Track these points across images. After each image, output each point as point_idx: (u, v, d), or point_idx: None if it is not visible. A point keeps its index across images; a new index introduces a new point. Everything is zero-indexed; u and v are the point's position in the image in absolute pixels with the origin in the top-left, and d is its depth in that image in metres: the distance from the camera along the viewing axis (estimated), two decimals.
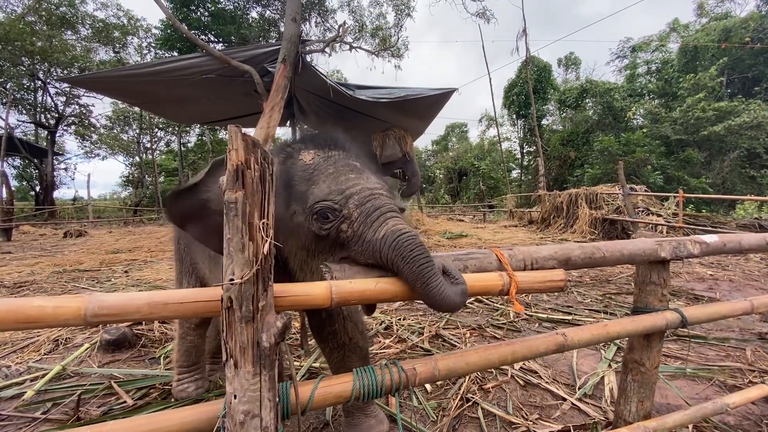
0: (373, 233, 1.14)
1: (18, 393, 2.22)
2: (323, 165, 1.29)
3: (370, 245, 1.14)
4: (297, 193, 1.24)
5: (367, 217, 1.17)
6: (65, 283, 5.04)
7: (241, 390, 0.87)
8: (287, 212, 1.25)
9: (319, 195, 1.20)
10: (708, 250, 1.63)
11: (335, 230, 1.19)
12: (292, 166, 1.30)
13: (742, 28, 18.86)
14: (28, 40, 17.78)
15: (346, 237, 1.19)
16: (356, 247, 1.17)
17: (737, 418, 2.01)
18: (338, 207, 1.18)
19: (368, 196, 1.20)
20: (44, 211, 19.20)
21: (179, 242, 2.19)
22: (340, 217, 1.18)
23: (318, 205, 1.19)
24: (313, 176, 1.26)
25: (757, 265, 6.16)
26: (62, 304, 0.82)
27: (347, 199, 1.19)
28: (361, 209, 1.18)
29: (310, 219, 1.20)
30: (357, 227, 1.17)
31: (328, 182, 1.23)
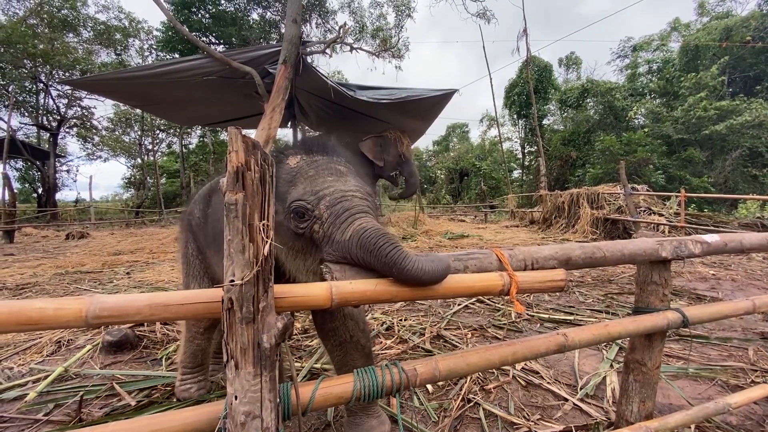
0: (341, 234, 1.19)
1: (20, 395, 2.22)
2: (305, 168, 1.36)
3: (340, 246, 1.18)
4: (279, 194, 1.30)
5: (336, 218, 1.21)
6: (67, 285, 5.05)
7: (242, 391, 0.87)
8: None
9: (295, 195, 1.27)
10: (709, 249, 1.63)
11: (309, 230, 1.25)
12: (279, 169, 1.36)
13: (744, 26, 18.82)
14: (30, 42, 17.86)
15: (318, 237, 1.24)
16: (327, 248, 1.22)
17: (739, 418, 2.00)
18: (310, 207, 1.24)
19: (340, 198, 1.25)
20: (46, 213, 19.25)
21: (187, 246, 2.16)
22: (311, 217, 1.24)
23: (294, 204, 1.25)
24: (295, 178, 1.33)
25: (760, 264, 6.14)
26: (63, 305, 0.83)
27: (319, 200, 1.24)
28: (331, 210, 1.22)
29: (288, 217, 1.27)
30: (327, 228, 1.22)
31: (305, 184, 1.30)
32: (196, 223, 2.05)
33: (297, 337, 3.17)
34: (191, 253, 2.12)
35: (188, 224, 2.14)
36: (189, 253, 2.13)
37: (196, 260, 2.10)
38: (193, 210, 2.12)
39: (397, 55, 16.84)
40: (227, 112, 10.27)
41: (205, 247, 2.00)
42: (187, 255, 2.16)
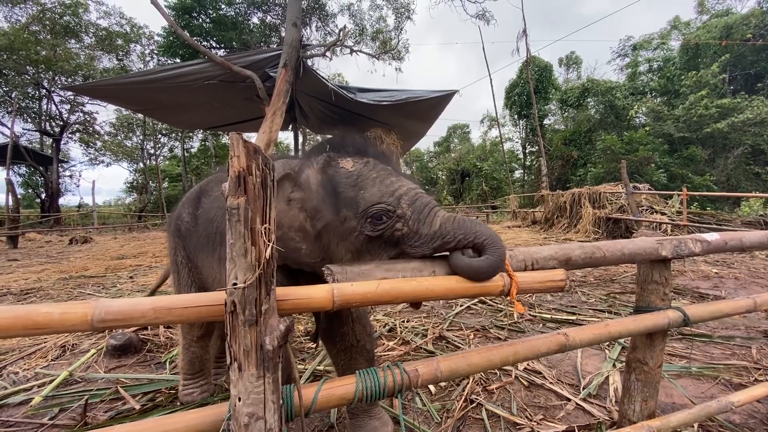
0: (429, 227, 1.25)
1: (26, 399, 2.24)
2: (365, 171, 1.34)
3: (428, 238, 1.24)
4: (346, 199, 1.30)
5: (420, 213, 1.26)
6: (71, 290, 5.08)
7: (245, 393, 0.88)
8: (338, 218, 1.31)
9: (372, 199, 1.27)
10: (709, 248, 1.63)
11: (390, 230, 1.27)
12: (335, 174, 1.34)
13: (744, 24, 18.78)
14: (33, 49, 18.00)
15: (401, 235, 1.27)
16: (413, 242, 1.27)
17: (743, 416, 2.00)
18: (392, 208, 1.26)
19: (416, 195, 1.30)
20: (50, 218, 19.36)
21: (176, 253, 2.09)
22: (394, 217, 1.26)
23: (373, 208, 1.26)
24: (359, 182, 1.31)
25: (763, 262, 6.11)
26: (69, 310, 0.84)
27: (398, 200, 1.27)
28: (413, 207, 1.27)
29: (363, 222, 1.27)
30: (412, 224, 1.26)
31: (376, 186, 1.30)
32: (185, 228, 1.97)
33: (300, 339, 3.18)
34: (180, 261, 2.06)
35: (176, 229, 2.06)
36: (179, 261, 2.07)
37: (185, 268, 2.04)
38: (181, 214, 2.03)
39: (397, 57, 16.87)
40: (228, 116, 10.31)
41: (195, 252, 1.93)
42: (176, 262, 2.09)
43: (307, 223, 1.34)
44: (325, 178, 1.34)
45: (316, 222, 1.34)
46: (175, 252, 2.09)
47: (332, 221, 1.31)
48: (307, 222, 1.34)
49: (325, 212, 1.32)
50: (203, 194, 1.92)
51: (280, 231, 1.31)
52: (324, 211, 1.32)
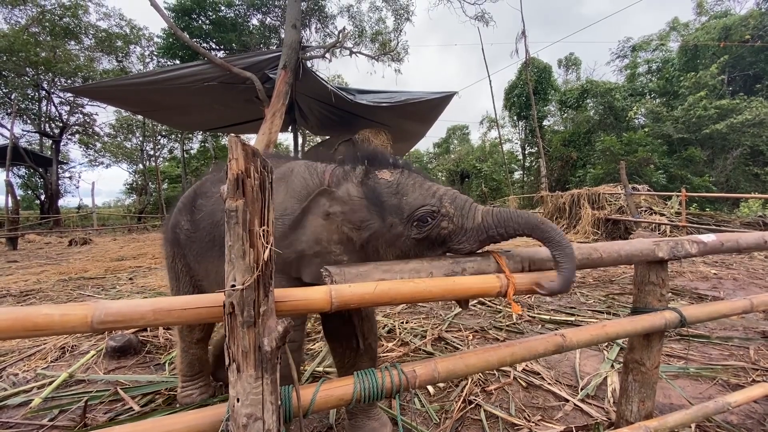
0: (472, 221, 1.35)
1: (25, 401, 2.24)
2: (403, 179, 1.43)
3: (473, 231, 1.34)
4: (390, 206, 1.38)
5: (462, 210, 1.37)
6: (71, 291, 5.08)
7: (244, 393, 0.89)
8: (384, 225, 1.39)
9: (415, 203, 1.36)
10: (705, 249, 1.64)
11: (436, 229, 1.36)
12: (376, 185, 1.42)
13: (742, 25, 18.81)
14: (32, 50, 17.99)
15: (447, 233, 1.37)
16: (459, 237, 1.36)
17: (740, 416, 2.01)
18: (436, 208, 1.35)
19: (454, 194, 1.41)
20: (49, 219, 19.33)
21: (174, 261, 2.03)
22: (438, 216, 1.35)
23: (418, 211, 1.35)
24: (400, 189, 1.40)
25: (762, 263, 6.12)
26: (69, 311, 0.85)
27: (440, 200, 1.37)
28: (454, 205, 1.37)
29: (409, 226, 1.37)
30: (457, 221, 1.36)
31: (417, 191, 1.39)
32: (185, 235, 1.89)
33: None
34: (181, 269, 2.01)
35: (175, 238, 1.97)
36: (178, 269, 2.02)
37: (186, 276, 2.00)
38: (178, 221, 1.94)
39: (397, 59, 16.89)
40: (228, 118, 10.33)
41: (198, 259, 1.86)
42: (176, 270, 2.04)
43: (353, 234, 1.40)
44: (367, 190, 1.41)
45: (362, 232, 1.39)
46: (174, 260, 2.04)
47: (379, 229, 1.38)
48: (354, 233, 1.40)
49: (371, 221, 1.39)
50: (199, 197, 1.86)
51: (319, 246, 1.38)
52: (370, 220, 1.39)
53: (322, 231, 1.39)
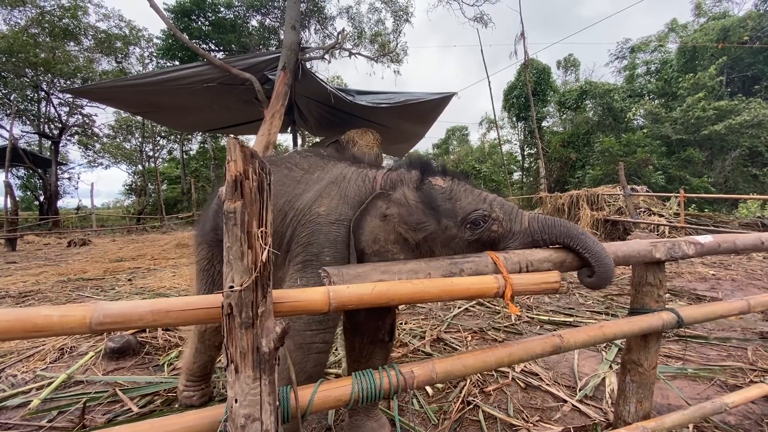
0: (519, 225, 1.48)
1: (24, 402, 2.24)
2: (455, 186, 1.54)
3: (521, 234, 1.47)
4: (445, 210, 1.49)
5: (509, 214, 1.49)
6: (69, 292, 5.08)
7: (242, 394, 0.89)
8: (440, 227, 1.48)
9: (468, 207, 1.48)
10: (702, 250, 1.65)
11: (487, 232, 1.47)
12: (431, 190, 1.53)
13: (741, 27, 18.85)
14: (32, 51, 17.97)
15: (497, 236, 1.48)
16: (508, 240, 1.48)
17: (738, 417, 2.01)
18: (487, 213, 1.47)
19: (501, 201, 1.52)
20: (48, 220, 19.29)
21: (212, 264, 1.96)
22: (489, 220, 1.46)
23: (472, 215, 1.46)
24: (453, 195, 1.52)
25: (760, 264, 6.14)
26: (68, 313, 0.85)
27: (491, 205, 1.48)
28: (503, 210, 1.49)
29: (462, 228, 1.47)
30: (506, 224, 1.48)
31: (469, 197, 1.51)
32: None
33: None
34: (218, 272, 1.92)
35: (216, 241, 1.90)
36: (216, 272, 1.95)
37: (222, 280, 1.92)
38: (218, 224, 1.87)
39: (396, 60, 16.91)
40: (227, 119, 10.33)
41: None
42: (212, 273, 1.96)
43: (409, 234, 1.48)
44: (423, 195, 1.52)
45: (418, 233, 1.48)
46: (212, 263, 1.97)
47: (435, 231, 1.48)
48: (409, 234, 1.48)
49: (427, 224, 1.48)
50: None
51: (377, 245, 1.48)
52: (426, 222, 1.48)
53: (380, 231, 1.48)
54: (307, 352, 1.52)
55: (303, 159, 1.88)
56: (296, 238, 1.60)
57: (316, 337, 1.52)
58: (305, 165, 1.82)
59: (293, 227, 1.62)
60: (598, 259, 1.36)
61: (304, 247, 1.55)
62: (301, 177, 1.76)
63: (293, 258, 1.59)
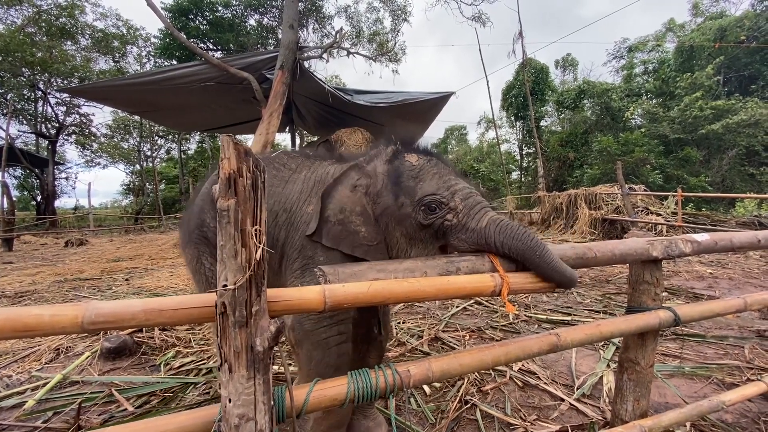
0: (476, 223, 1.36)
1: (19, 402, 2.23)
2: (427, 166, 1.49)
3: (475, 233, 1.35)
4: (406, 187, 1.45)
5: (471, 209, 1.39)
6: (66, 293, 5.06)
7: (236, 394, 0.88)
8: (396, 203, 1.45)
9: (428, 190, 1.41)
10: (699, 248, 1.65)
11: (440, 220, 1.39)
12: (400, 165, 1.50)
13: (738, 27, 18.92)
14: (28, 51, 17.90)
15: (450, 226, 1.39)
16: (460, 234, 1.38)
17: (735, 415, 2.01)
18: (445, 201, 1.39)
19: (469, 193, 1.43)
20: (45, 220, 19.23)
21: (201, 261, 1.88)
22: (445, 209, 1.39)
23: (427, 198, 1.39)
24: (420, 175, 1.46)
25: (757, 262, 6.15)
26: (59, 312, 0.84)
27: (453, 194, 1.40)
28: (465, 203, 1.39)
29: (417, 209, 1.41)
30: (462, 218, 1.38)
31: (435, 180, 1.44)
32: (213, 234, 1.74)
33: None
34: (209, 269, 1.85)
35: (201, 237, 1.85)
36: (204, 270, 1.86)
37: (213, 277, 1.79)
38: (204, 220, 1.84)
39: (394, 59, 16.90)
40: (225, 118, 10.31)
41: None
42: (202, 272, 1.88)
43: (368, 206, 1.49)
44: (391, 168, 1.50)
45: (376, 206, 1.49)
46: (200, 260, 1.89)
47: (391, 206, 1.46)
48: (369, 205, 1.49)
49: (386, 197, 1.48)
50: None
51: (342, 215, 1.46)
52: (385, 196, 1.48)
53: (347, 201, 1.48)
54: (326, 347, 1.50)
55: (290, 159, 1.86)
56: (290, 241, 1.58)
57: (330, 331, 1.51)
58: (293, 165, 1.80)
59: (286, 230, 1.60)
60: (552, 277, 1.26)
61: (299, 251, 1.54)
62: (290, 177, 1.74)
63: (291, 264, 1.57)
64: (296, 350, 1.57)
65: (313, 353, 1.50)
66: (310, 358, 1.50)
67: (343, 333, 1.55)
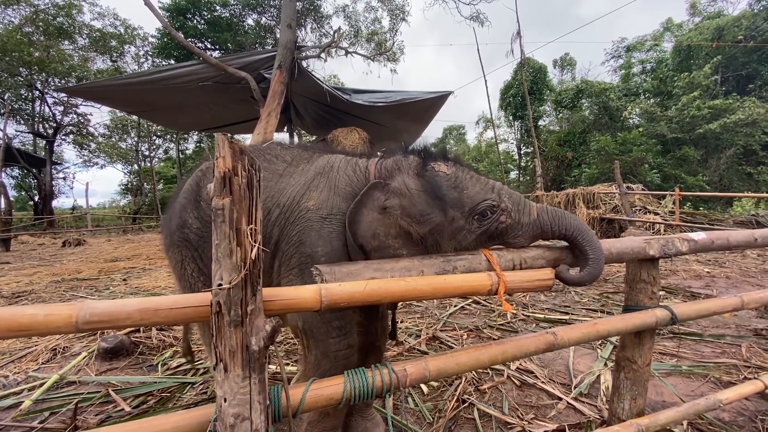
0: (528, 216, 1.41)
1: (16, 402, 2.22)
2: (460, 174, 1.44)
3: (530, 226, 1.40)
4: (451, 200, 1.38)
5: (518, 205, 1.42)
6: (63, 293, 5.04)
7: (231, 393, 0.88)
8: (446, 218, 1.38)
9: (478, 197, 1.38)
10: (696, 247, 1.65)
11: (495, 223, 1.40)
12: (434, 177, 1.40)
13: (735, 26, 18.97)
14: (26, 50, 17.82)
15: (505, 226, 1.40)
16: (516, 232, 1.41)
17: (732, 414, 2.02)
18: (496, 203, 1.39)
19: (509, 190, 1.45)
20: (43, 220, 19.17)
21: (184, 266, 1.75)
22: (498, 211, 1.39)
23: (481, 205, 1.38)
24: (458, 183, 1.41)
25: (755, 261, 6.17)
26: (54, 311, 0.84)
27: (499, 195, 1.41)
28: (512, 200, 1.42)
29: (470, 219, 1.39)
30: (515, 216, 1.41)
31: (477, 186, 1.41)
32: (195, 234, 1.68)
33: (293, 341, 3.18)
34: (191, 274, 1.73)
35: (183, 239, 1.72)
36: (188, 275, 1.74)
37: (198, 282, 1.72)
38: (185, 220, 1.71)
39: (393, 59, 16.90)
40: (223, 117, 10.29)
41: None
42: (186, 278, 1.75)
43: (412, 228, 1.36)
44: (425, 183, 1.39)
45: (423, 226, 1.36)
46: (183, 266, 1.75)
47: (441, 223, 1.37)
48: (413, 227, 1.36)
49: (433, 215, 1.36)
50: (202, 188, 1.67)
51: (377, 241, 1.36)
52: (431, 214, 1.36)
53: (379, 225, 1.36)
54: (334, 359, 1.47)
55: (285, 150, 1.73)
56: (286, 237, 1.48)
57: (340, 344, 1.47)
58: (287, 157, 1.67)
59: (281, 226, 1.50)
60: (597, 256, 1.33)
61: (297, 247, 1.44)
62: (284, 170, 1.61)
63: (287, 260, 1.48)
64: (305, 353, 1.54)
65: (321, 362, 1.48)
66: (318, 366, 1.48)
67: (352, 346, 1.52)
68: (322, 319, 1.44)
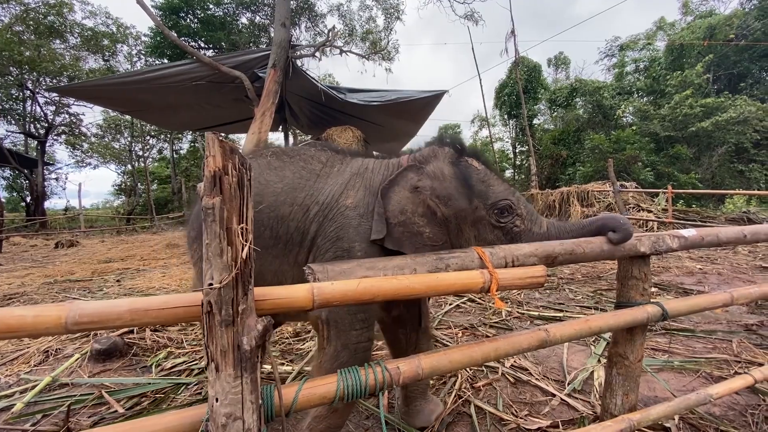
0: (539, 227, 1.57)
1: (7, 405, 2.20)
2: (488, 171, 1.60)
3: (540, 236, 1.53)
4: (478, 191, 1.53)
5: (531, 215, 1.58)
6: (56, 294, 4.99)
7: (223, 393, 0.88)
8: (471, 206, 1.53)
9: (501, 195, 1.53)
10: (686, 244, 1.67)
11: (510, 224, 1.54)
12: (467, 168, 1.56)
13: (727, 25, 19.14)
14: (16, 49, 17.59)
15: (518, 231, 1.54)
16: (527, 239, 1.52)
17: (722, 408, 2.04)
18: (515, 206, 1.54)
19: (525, 200, 1.59)
20: (35, 221, 18.95)
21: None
22: (514, 213, 1.54)
23: (501, 202, 1.52)
24: (487, 179, 1.57)
25: (746, 258, 6.24)
26: (42, 312, 0.83)
27: (518, 200, 1.56)
28: (526, 209, 1.57)
29: (490, 212, 1.53)
30: (527, 224, 1.55)
31: (502, 186, 1.58)
32: None
33: (288, 340, 3.17)
34: None
35: None
36: None
37: None
38: None
39: (387, 58, 16.88)
40: (217, 117, 10.23)
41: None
42: None
43: (439, 209, 1.51)
44: (458, 171, 1.55)
45: (449, 208, 1.51)
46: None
47: (465, 208, 1.52)
48: (440, 208, 1.51)
49: (459, 200, 1.51)
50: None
51: (404, 216, 1.47)
52: (458, 198, 1.51)
53: (408, 203, 1.49)
54: (354, 351, 1.50)
55: (320, 152, 1.82)
56: (323, 233, 1.55)
57: (362, 336, 1.51)
58: (323, 158, 1.76)
59: (318, 222, 1.56)
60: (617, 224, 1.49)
61: (333, 243, 1.51)
62: (321, 170, 1.69)
63: (321, 255, 1.54)
64: (324, 344, 1.56)
65: (341, 353, 1.49)
66: (337, 357, 1.49)
67: (371, 340, 1.58)
68: (348, 311, 1.49)
